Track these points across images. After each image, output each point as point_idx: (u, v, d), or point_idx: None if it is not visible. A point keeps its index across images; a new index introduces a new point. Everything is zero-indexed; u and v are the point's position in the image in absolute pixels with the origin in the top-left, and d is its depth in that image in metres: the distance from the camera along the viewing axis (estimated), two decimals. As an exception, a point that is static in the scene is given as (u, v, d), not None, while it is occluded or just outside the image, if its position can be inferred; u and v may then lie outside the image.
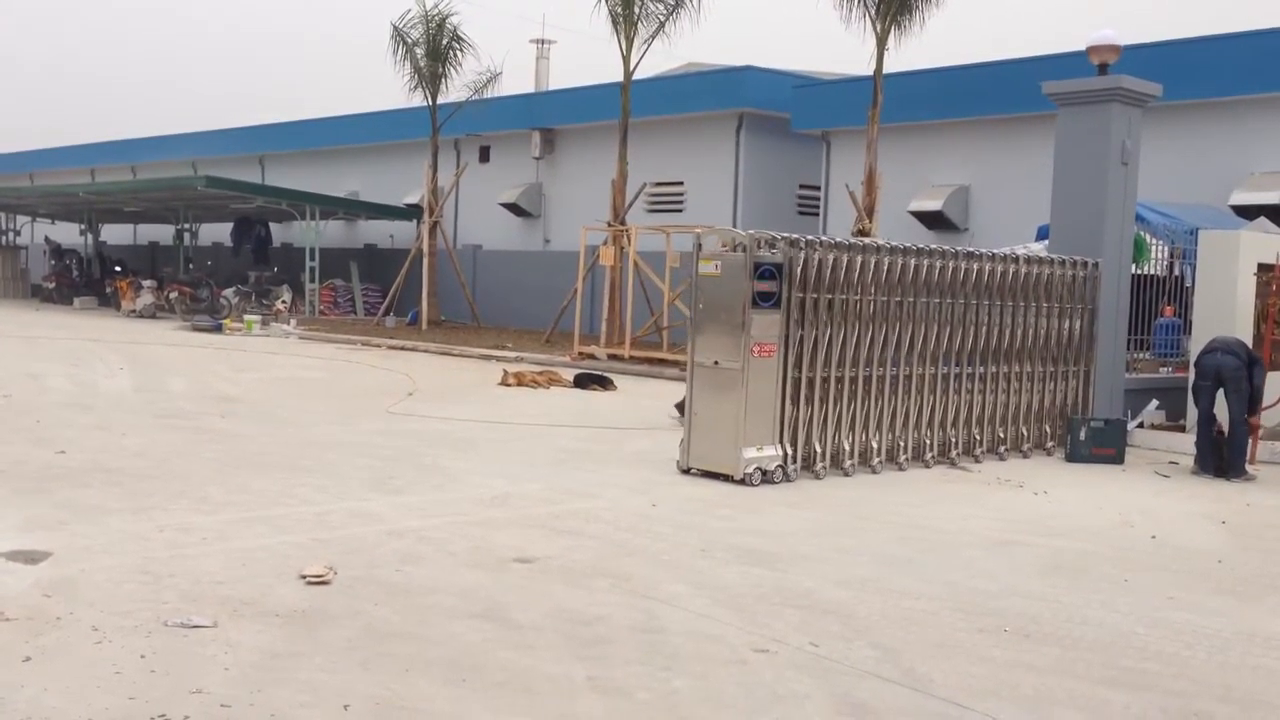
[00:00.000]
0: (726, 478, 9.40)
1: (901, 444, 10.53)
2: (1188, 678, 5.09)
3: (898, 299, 10.42)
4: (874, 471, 10.21)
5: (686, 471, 9.76)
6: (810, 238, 10.05)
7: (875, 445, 10.30)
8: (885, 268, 10.31)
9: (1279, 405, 11.67)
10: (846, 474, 10.01)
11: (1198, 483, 10.53)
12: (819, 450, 9.91)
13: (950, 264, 10.86)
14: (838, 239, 10.40)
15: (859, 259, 10.10)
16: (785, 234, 9.86)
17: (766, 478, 9.42)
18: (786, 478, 9.56)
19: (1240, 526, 8.60)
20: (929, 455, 10.71)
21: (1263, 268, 12.30)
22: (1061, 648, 5.42)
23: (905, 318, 10.49)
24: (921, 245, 10.92)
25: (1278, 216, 17.87)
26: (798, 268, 9.67)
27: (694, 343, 9.80)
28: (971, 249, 11.39)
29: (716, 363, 9.55)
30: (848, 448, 10.08)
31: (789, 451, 9.66)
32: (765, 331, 9.44)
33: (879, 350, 10.30)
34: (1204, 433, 10.93)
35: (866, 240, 10.58)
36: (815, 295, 9.81)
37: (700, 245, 9.83)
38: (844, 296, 10.01)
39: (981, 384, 11.22)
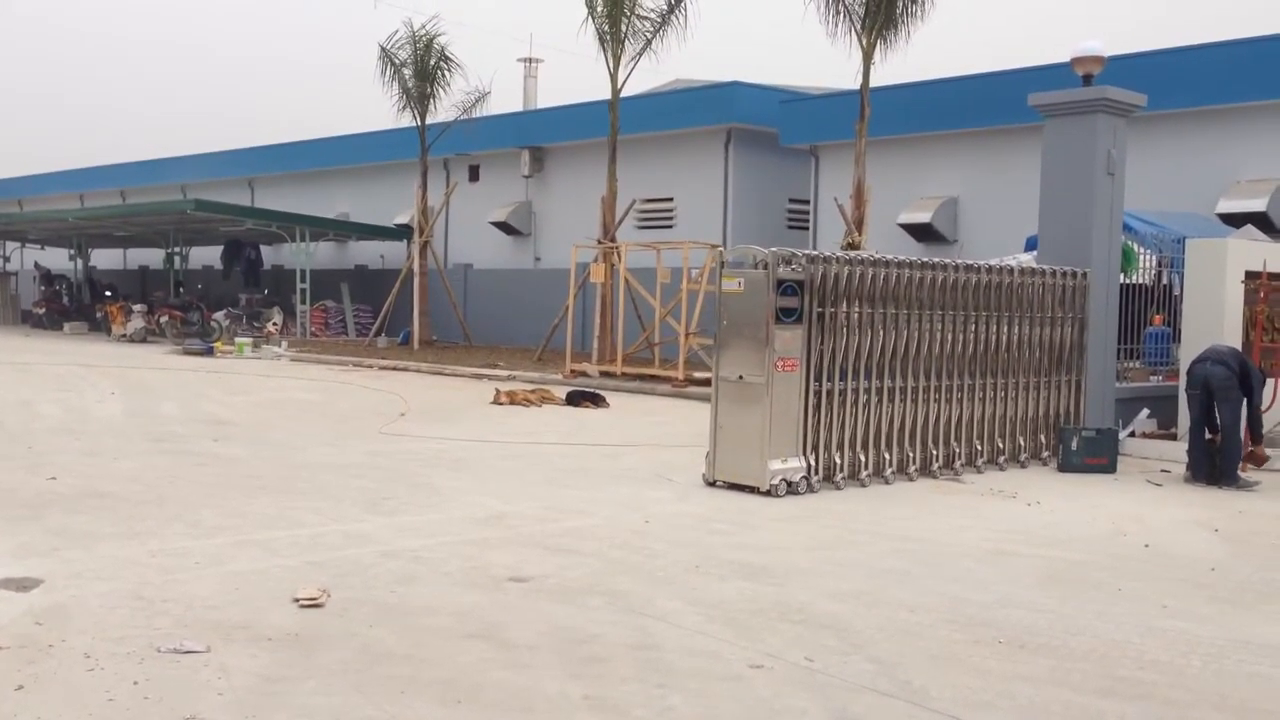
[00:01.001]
0: (752, 489, 9.58)
1: (910, 456, 10.64)
2: (1183, 687, 5.09)
3: (905, 312, 10.54)
4: (887, 482, 10.35)
5: (712, 484, 9.93)
6: (827, 253, 10.26)
7: (887, 457, 10.45)
8: (895, 280, 10.43)
9: (1270, 410, 11.70)
10: (863, 485, 10.17)
11: (1190, 491, 10.55)
12: (838, 462, 10.07)
13: (954, 276, 10.99)
14: (851, 254, 10.56)
15: (871, 273, 10.25)
16: (805, 250, 10.09)
17: (791, 489, 9.62)
18: (810, 489, 9.76)
19: (1233, 534, 8.62)
20: (935, 466, 10.82)
21: (1250, 275, 12.35)
22: (1057, 658, 5.42)
23: (914, 330, 10.62)
24: (931, 259, 11.09)
25: (1264, 224, 17.96)
26: (816, 283, 9.85)
27: (718, 358, 10.00)
28: (970, 261, 11.49)
29: (741, 377, 9.76)
30: (864, 460, 10.24)
31: (812, 463, 9.83)
32: (788, 346, 9.64)
33: (888, 362, 10.43)
34: (1195, 440, 10.95)
35: (877, 255, 10.71)
36: (832, 310, 9.99)
37: (723, 263, 10.04)
38: (858, 310, 10.17)
39: (981, 395, 11.31)
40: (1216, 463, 10.76)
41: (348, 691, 4.74)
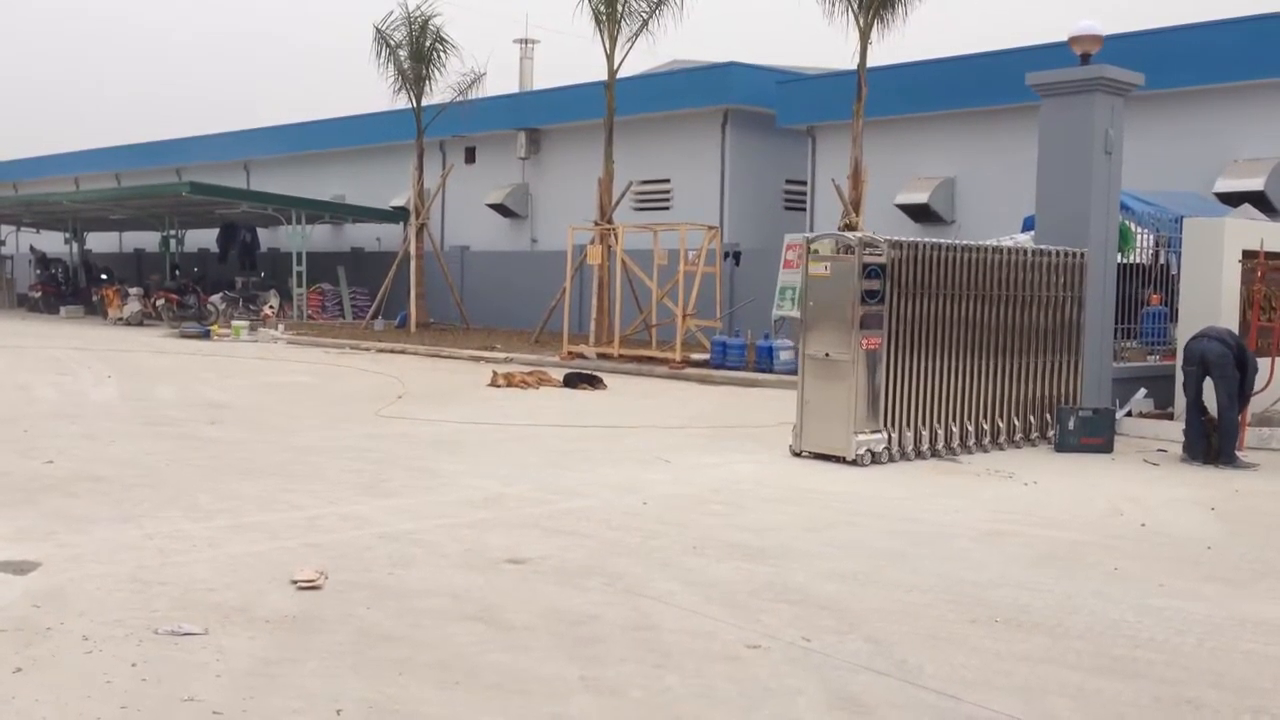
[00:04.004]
0: (838, 459, 10.25)
1: (954, 432, 11.03)
2: (1179, 665, 5.10)
3: (957, 292, 10.97)
4: (940, 458, 10.75)
5: (798, 455, 10.56)
6: (903, 239, 10.86)
7: (939, 432, 10.87)
8: (954, 262, 10.92)
9: (1268, 389, 11.71)
10: (925, 458, 10.65)
11: (1186, 470, 10.56)
12: (909, 435, 10.61)
13: (991, 257, 11.33)
14: (921, 240, 10.99)
15: (936, 255, 10.78)
16: (887, 236, 10.77)
17: (875, 459, 10.30)
18: (892, 459, 10.41)
19: (1229, 513, 8.64)
20: (971, 443, 11.17)
21: (1247, 254, 12.33)
22: (1053, 637, 5.43)
23: (958, 310, 11.02)
24: (972, 242, 11.49)
25: (1262, 203, 17.94)
26: (895, 267, 10.42)
27: (804, 338, 10.74)
28: (995, 243, 11.80)
29: (827, 355, 10.45)
30: (925, 435, 10.74)
31: (893, 435, 10.43)
32: (872, 326, 10.30)
33: (941, 341, 10.87)
34: (1192, 420, 10.95)
35: (939, 240, 11.21)
36: (907, 291, 10.56)
37: (811, 249, 10.65)
38: (926, 292, 10.69)
39: (992, 374, 11.46)
40: (1213, 442, 10.78)
41: (345, 673, 4.75)
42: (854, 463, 10.13)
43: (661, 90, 27.65)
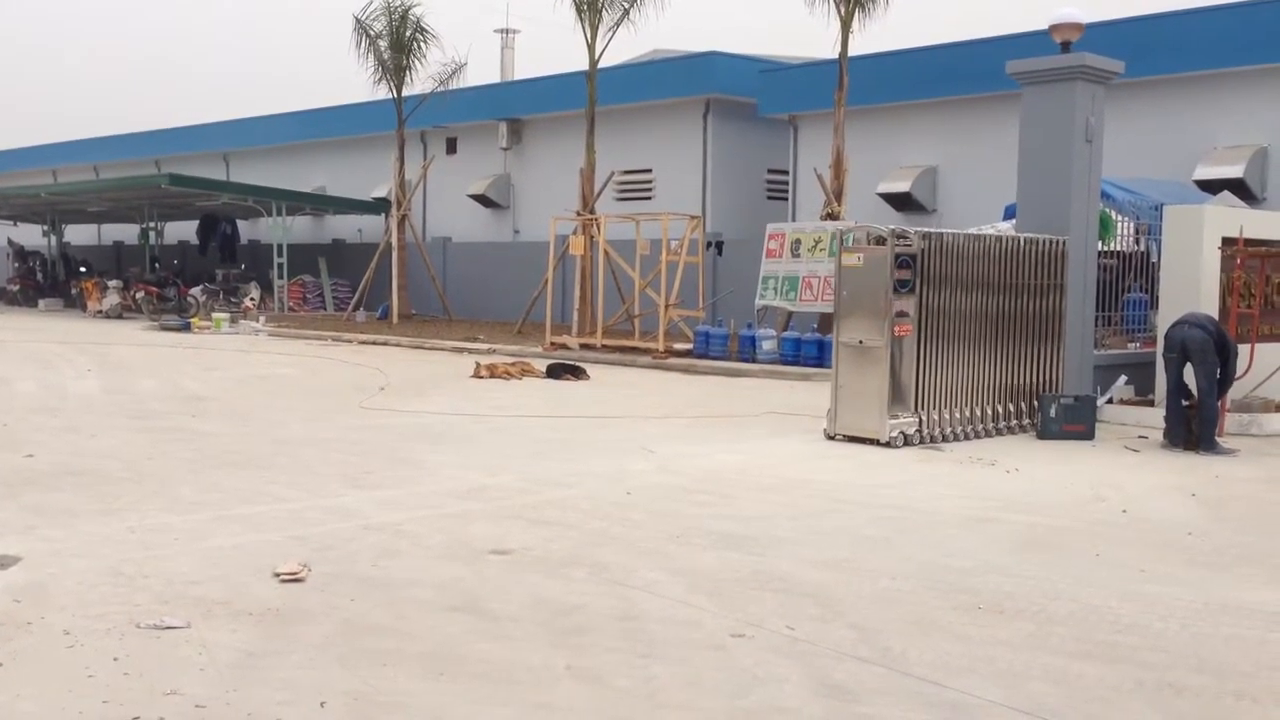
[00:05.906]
0: (872, 442, 10.64)
1: (946, 418, 11.17)
2: (1161, 649, 5.13)
3: (970, 280, 11.25)
4: (923, 445, 10.84)
5: (832, 438, 10.97)
6: (932, 230, 11.16)
7: (925, 418, 11.02)
8: (970, 251, 11.21)
9: (1248, 375, 11.78)
10: (948, 441, 10.97)
11: (1167, 456, 10.62)
12: (935, 419, 10.95)
13: (994, 246, 11.56)
14: (945, 231, 11.31)
15: (956, 246, 11.13)
16: (917, 228, 11.11)
17: (908, 441, 10.69)
18: (923, 441, 10.80)
19: (1210, 498, 8.69)
20: (958, 430, 11.27)
21: (1227, 241, 12.39)
22: (1036, 623, 5.46)
23: (972, 298, 11.30)
24: (979, 231, 11.96)
25: (1241, 190, 18.03)
26: (924, 257, 10.75)
27: (838, 326, 11.13)
28: (997, 231, 11.92)
29: (861, 342, 10.85)
30: (947, 417, 11.05)
31: (923, 419, 10.79)
32: (903, 314, 10.69)
33: (950, 329, 11.15)
34: (1173, 405, 11.01)
35: (959, 231, 11.53)
36: (926, 281, 10.86)
37: (844, 241, 11.08)
38: (946, 282, 10.99)
39: (996, 361, 11.63)
40: (1193, 428, 10.84)
41: (330, 665, 4.73)
42: (888, 444, 10.51)
43: (643, 80, 27.61)
